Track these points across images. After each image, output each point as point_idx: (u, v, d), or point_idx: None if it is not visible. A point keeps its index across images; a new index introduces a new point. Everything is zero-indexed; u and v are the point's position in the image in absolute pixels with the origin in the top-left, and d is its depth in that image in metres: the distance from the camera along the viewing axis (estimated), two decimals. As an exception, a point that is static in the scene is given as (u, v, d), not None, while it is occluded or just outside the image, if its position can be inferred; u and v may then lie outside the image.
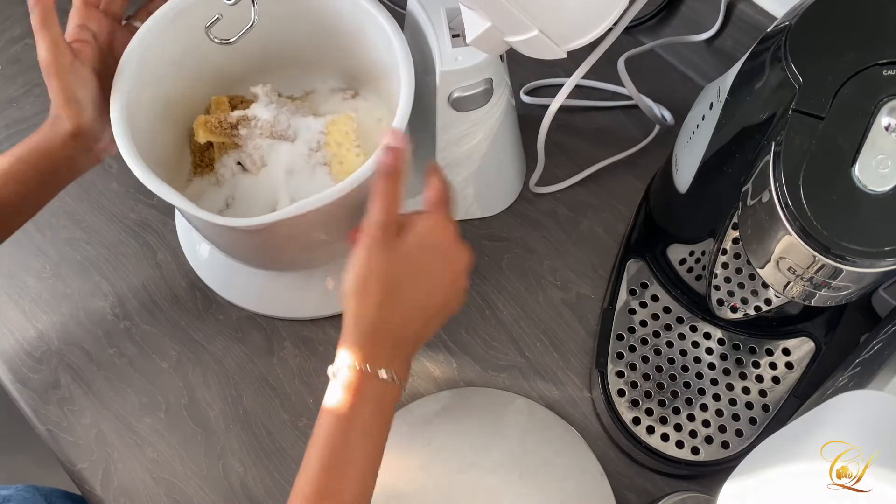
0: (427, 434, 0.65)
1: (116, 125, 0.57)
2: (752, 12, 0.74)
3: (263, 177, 0.64)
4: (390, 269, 0.50)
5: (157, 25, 0.61)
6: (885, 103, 0.45)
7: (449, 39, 0.61)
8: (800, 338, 0.67)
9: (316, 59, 0.70)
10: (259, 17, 0.57)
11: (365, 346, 0.49)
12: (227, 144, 0.65)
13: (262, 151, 0.64)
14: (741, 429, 0.64)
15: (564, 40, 0.50)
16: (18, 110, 0.82)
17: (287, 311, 0.71)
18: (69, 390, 0.68)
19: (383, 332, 0.50)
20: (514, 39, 0.51)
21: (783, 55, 0.48)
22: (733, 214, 0.54)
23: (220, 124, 0.64)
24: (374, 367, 0.48)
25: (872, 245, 0.45)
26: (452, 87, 0.62)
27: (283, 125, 0.64)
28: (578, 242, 0.75)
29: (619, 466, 0.65)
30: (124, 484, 0.65)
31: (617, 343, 0.67)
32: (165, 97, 0.64)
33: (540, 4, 0.48)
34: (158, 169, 0.58)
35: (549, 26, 0.49)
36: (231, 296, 0.71)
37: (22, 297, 0.72)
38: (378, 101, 0.70)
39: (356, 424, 0.48)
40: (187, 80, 0.66)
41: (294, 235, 0.60)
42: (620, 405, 0.65)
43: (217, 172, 0.66)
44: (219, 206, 0.65)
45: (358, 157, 0.64)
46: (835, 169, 0.46)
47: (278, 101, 0.66)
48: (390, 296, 0.50)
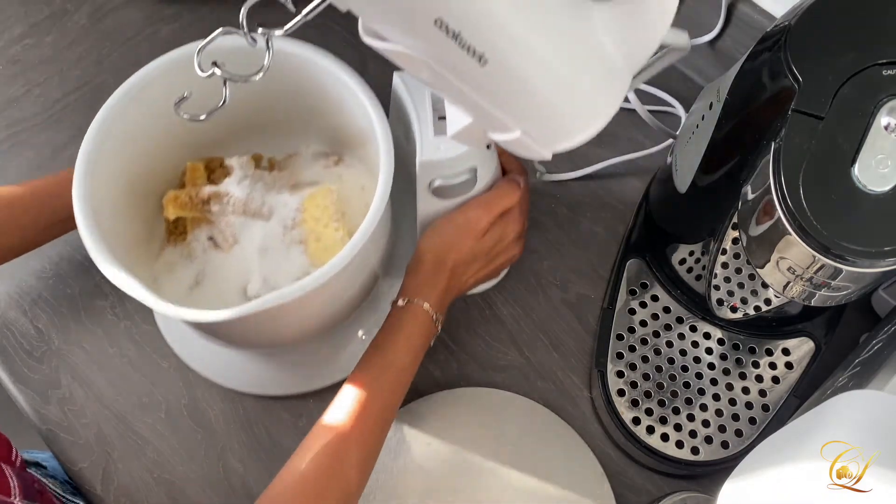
0: (427, 434, 0.65)
1: (78, 204, 0.54)
2: (752, 12, 0.74)
3: (235, 255, 0.61)
4: (470, 255, 0.61)
5: (120, 103, 0.58)
6: (884, 103, 0.45)
7: (432, 125, 0.58)
8: (800, 338, 0.67)
9: (298, 122, 0.68)
10: (233, 92, 0.51)
11: (437, 302, 0.60)
12: (200, 218, 0.63)
13: (235, 229, 0.61)
14: (741, 429, 0.64)
15: (549, 144, 0.47)
16: (18, 110, 0.82)
17: (254, 386, 0.68)
18: (69, 390, 0.68)
19: (447, 293, 0.61)
20: (496, 137, 0.48)
21: (783, 55, 0.48)
22: (733, 214, 0.54)
23: (191, 200, 0.61)
24: (439, 315, 0.60)
25: (872, 245, 0.45)
26: (433, 175, 0.58)
27: (257, 203, 0.61)
28: (578, 242, 0.75)
29: (619, 466, 0.65)
30: (124, 484, 0.65)
31: (617, 343, 0.67)
32: (137, 169, 0.62)
33: (523, 108, 0.45)
34: (128, 238, 0.58)
35: (532, 130, 0.46)
36: (205, 373, 0.69)
37: (22, 297, 0.72)
38: (362, 168, 0.68)
39: (406, 340, 0.58)
40: (161, 149, 0.63)
41: (262, 323, 0.57)
42: (620, 405, 0.65)
43: (189, 245, 0.63)
44: (188, 282, 0.63)
45: (337, 231, 0.61)
46: (835, 169, 0.46)
47: (253, 175, 0.63)
48: (461, 274, 0.62)
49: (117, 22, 0.87)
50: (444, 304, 0.61)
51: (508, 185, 0.62)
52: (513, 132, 0.46)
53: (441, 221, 0.61)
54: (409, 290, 0.60)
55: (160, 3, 0.88)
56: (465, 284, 0.63)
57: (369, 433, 0.54)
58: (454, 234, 0.60)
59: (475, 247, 0.61)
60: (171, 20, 0.87)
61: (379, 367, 0.57)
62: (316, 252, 0.61)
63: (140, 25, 0.87)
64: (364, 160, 0.67)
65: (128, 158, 0.60)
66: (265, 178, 0.64)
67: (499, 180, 0.63)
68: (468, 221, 0.61)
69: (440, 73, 0.43)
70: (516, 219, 0.63)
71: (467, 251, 0.61)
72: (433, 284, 0.60)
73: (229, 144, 0.67)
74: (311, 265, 0.61)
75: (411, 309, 0.58)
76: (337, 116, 0.64)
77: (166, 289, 0.63)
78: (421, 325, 0.58)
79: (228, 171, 0.64)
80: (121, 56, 0.85)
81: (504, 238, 0.63)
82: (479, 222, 0.60)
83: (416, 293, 0.59)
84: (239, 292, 0.61)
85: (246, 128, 0.67)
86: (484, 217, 0.60)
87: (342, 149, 0.69)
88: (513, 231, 0.63)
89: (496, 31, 0.41)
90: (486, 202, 0.61)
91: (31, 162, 0.79)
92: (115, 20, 0.88)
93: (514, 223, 0.63)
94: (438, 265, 0.60)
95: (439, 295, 0.60)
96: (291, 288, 0.52)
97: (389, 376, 0.57)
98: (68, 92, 0.83)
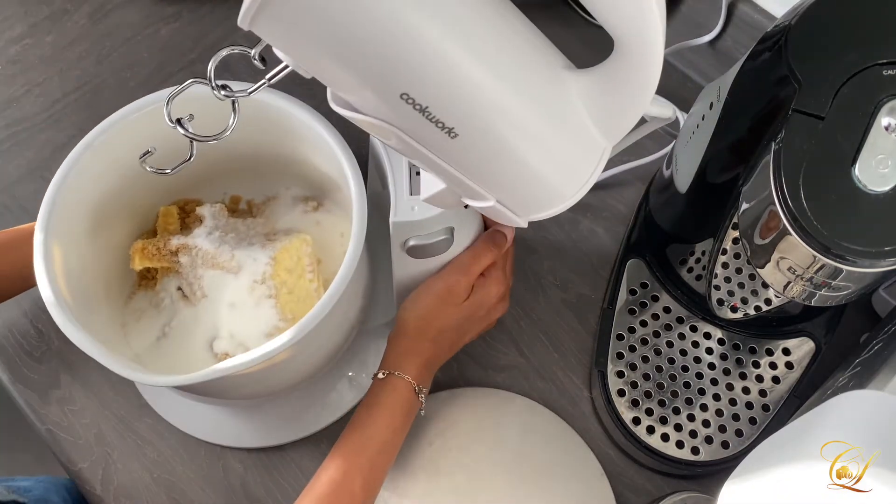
0: (428, 434, 0.65)
1: (38, 254, 0.53)
2: (752, 12, 0.74)
3: (204, 308, 0.60)
4: (453, 322, 0.59)
5: (82, 156, 0.56)
6: (885, 103, 0.45)
7: (407, 183, 0.55)
8: (800, 338, 0.67)
9: (277, 167, 0.66)
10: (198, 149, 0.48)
11: (420, 373, 0.58)
12: (169, 268, 0.62)
13: (203, 282, 0.59)
14: (741, 429, 0.64)
15: (525, 213, 0.47)
16: (18, 110, 0.82)
17: (234, 439, 0.67)
18: (69, 390, 0.68)
19: (431, 363, 0.60)
20: (470, 203, 0.47)
21: (783, 55, 0.48)
22: (733, 214, 0.54)
23: (159, 251, 0.60)
24: (421, 387, 0.58)
25: (872, 245, 0.45)
26: (407, 235, 0.55)
27: (226, 256, 0.59)
28: (578, 242, 0.75)
29: (619, 466, 0.65)
30: (124, 484, 0.65)
31: (617, 343, 0.67)
32: (109, 211, 0.61)
33: (495, 180, 0.44)
34: (99, 282, 0.57)
35: (507, 200, 0.46)
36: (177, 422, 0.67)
37: (22, 296, 0.72)
38: (341, 213, 0.66)
39: (388, 416, 0.56)
40: (136, 190, 0.62)
41: (227, 386, 0.56)
42: (620, 405, 0.65)
43: (158, 294, 0.62)
44: (156, 332, 0.61)
45: (311, 282, 0.60)
46: (835, 169, 0.45)
47: (226, 225, 0.62)
48: (444, 341, 0.60)
49: (117, 22, 0.87)
50: (429, 374, 0.59)
51: (486, 242, 0.59)
52: (487, 201, 0.45)
53: (420, 289, 0.59)
54: (390, 362, 0.58)
55: (160, 3, 0.88)
56: (450, 351, 0.61)
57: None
58: (433, 302, 0.58)
59: (456, 313, 0.59)
60: (170, 20, 0.87)
61: (358, 444, 0.54)
62: (287, 304, 0.59)
63: (140, 25, 0.87)
64: (343, 205, 0.65)
65: (98, 201, 0.59)
66: (238, 228, 0.62)
67: (481, 235, 0.60)
68: (448, 287, 0.58)
69: (410, 144, 0.42)
70: (498, 279, 0.60)
71: (448, 319, 0.59)
72: (415, 354, 0.58)
73: (207, 185, 0.66)
74: (280, 319, 0.58)
75: (392, 382, 0.57)
76: (314, 163, 0.63)
77: (133, 336, 0.62)
78: (402, 398, 0.56)
79: (201, 218, 0.62)
80: (121, 56, 0.85)
81: (485, 301, 0.60)
82: (457, 286, 0.58)
83: (396, 365, 0.57)
84: (205, 347, 0.59)
85: (225, 170, 0.66)
86: (462, 280, 0.58)
87: (322, 194, 0.67)
88: (495, 293, 0.60)
89: (464, 106, 0.40)
90: (464, 265, 0.59)
91: (31, 162, 0.79)
92: (114, 20, 0.88)
93: (496, 284, 0.60)
94: (419, 335, 0.58)
95: (422, 365, 0.58)
96: (241, 359, 0.50)
97: (369, 454, 0.54)
98: (68, 92, 0.83)
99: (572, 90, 0.42)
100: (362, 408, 0.56)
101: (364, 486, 0.53)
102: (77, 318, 0.53)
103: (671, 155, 0.67)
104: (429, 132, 0.41)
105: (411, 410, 0.57)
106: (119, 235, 0.63)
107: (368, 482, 0.54)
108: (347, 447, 0.54)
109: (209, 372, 0.50)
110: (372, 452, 0.54)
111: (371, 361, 0.68)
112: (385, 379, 0.57)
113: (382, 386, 0.57)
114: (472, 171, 0.44)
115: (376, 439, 0.55)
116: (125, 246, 0.63)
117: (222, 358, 0.58)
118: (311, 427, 0.66)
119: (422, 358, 0.58)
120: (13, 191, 0.77)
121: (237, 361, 0.50)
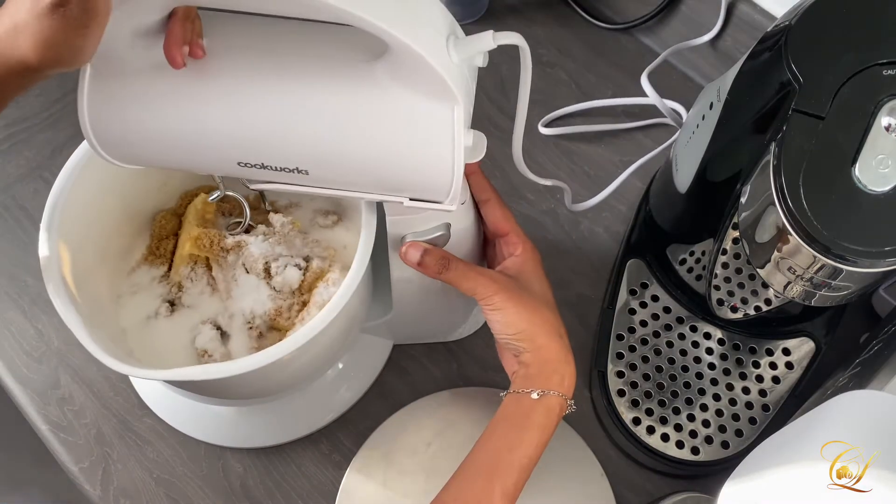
0: (428, 434, 0.65)
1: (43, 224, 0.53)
2: (752, 12, 0.74)
3: (217, 305, 0.60)
4: (553, 313, 0.57)
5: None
6: (885, 103, 0.45)
7: None
8: (800, 338, 0.67)
9: None
10: None
11: (571, 384, 0.55)
12: (205, 259, 0.61)
13: (236, 284, 0.59)
14: (741, 429, 0.64)
15: (437, 196, 0.47)
16: (18, 110, 0.82)
17: (233, 440, 0.66)
18: (69, 390, 0.68)
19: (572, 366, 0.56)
20: (406, 204, 0.49)
21: (783, 55, 0.48)
22: (733, 214, 0.54)
23: (213, 244, 0.60)
24: (572, 402, 0.55)
25: (872, 245, 0.45)
26: (403, 232, 0.54)
27: (267, 266, 0.59)
28: (578, 242, 0.75)
29: (619, 466, 0.65)
30: (124, 484, 0.65)
31: (617, 343, 0.67)
32: (129, 190, 0.61)
33: (375, 186, 0.47)
34: (106, 250, 0.57)
35: (407, 193, 0.48)
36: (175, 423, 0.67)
37: (22, 297, 0.72)
38: (357, 231, 0.63)
39: (539, 435, 0.53)
40: (157, 171, 0.61)
41: (226, 383, 0.55)
42: (620, 405, 0.65)
43: (173, 279, 0.61)
44: (147, 311, 0.60)
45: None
46: (835, 169, 0.46)
47: (277, 237, 0.61)
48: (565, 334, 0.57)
49: (117, 22, 0.87)
50: (574, 379, 0.56)
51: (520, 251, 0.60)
52: (401, 198, 0.48)
53: (528, 309, 0.56)
54: (539, 379, 0.54)
55: (160, 3, 0.88)
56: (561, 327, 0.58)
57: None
58: (549, 312, 0.57)
59: (550, 306, 0.58)
60: (171, 20, 0.87)
61: (506, 464, 0.52)
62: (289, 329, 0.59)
63: (140, 25, 0.87)
64: (358, 223, 0.63)
65: (118, 178, 0.58)
66: (295, 243, 0.61)
67: (476, 227, 0.59)
68: (543, 289, 0.58)
69: (284, 189, 0.49)
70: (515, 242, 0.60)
71: (553, 313, 0.57)
72: (566, 364, 0.55)
73: (233, 180, 0.64)
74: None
75: (546, 402, 0.53)
76: None
77: (126, 311, 0.61)
78: (556, 416, 0.53)
79: (259, 219, 0.62)
80: (121, 56, 0.85)
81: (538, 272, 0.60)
82: (540, 274, 0.59)
83: (547, 382, 0.53)
84: (191, 341, 0.59)
85: None
86: (539, 268, 0.59)
87: (342, 209, 0.66)
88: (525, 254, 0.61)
89: (289, 149, 0.45)
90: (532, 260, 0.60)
91: (31, 162, 0.79)
92: (114, 20, 0.88)
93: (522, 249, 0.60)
94: (562, 344, 0.55)
95: (571, 375, 0.55)
96: (249, 359, 0.50)
97: (515, 476, 0.52)
98: (68, 92, 0.83)
99: (383, 77, 0.43)
100: (511, 429, 0.53)
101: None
102: (73, 281, 0.53)
103: (671, 155, 0.67)
104: (284, 177, 0.47)
105: (556, 426, 0.55)
106: (139, 210, 0.63)
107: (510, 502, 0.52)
108: (490, 465, 0.52)
109: (190, 372, 0.49)
110: (519, 475, 0.52)
111: (371, 361, 0.68)
112: (539, 399, 0.53)
113: (534, 406, 0.53)
114: (347, 186, 0.48)
115: (524, 462, 0.52)
116: (141, 221, 0.64)
117: (201, 354, 0.58)
118: (311, 427, 0.66)
119: (570, 367, 0.55)
120: (13, 191, 0.77)
121: (232, 366, 0.49)
